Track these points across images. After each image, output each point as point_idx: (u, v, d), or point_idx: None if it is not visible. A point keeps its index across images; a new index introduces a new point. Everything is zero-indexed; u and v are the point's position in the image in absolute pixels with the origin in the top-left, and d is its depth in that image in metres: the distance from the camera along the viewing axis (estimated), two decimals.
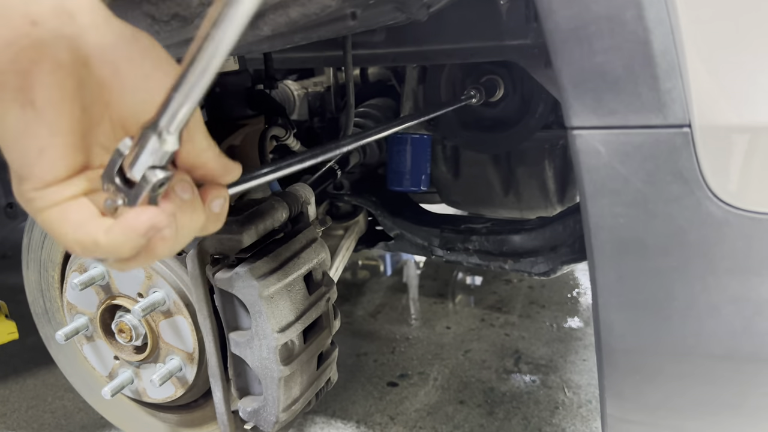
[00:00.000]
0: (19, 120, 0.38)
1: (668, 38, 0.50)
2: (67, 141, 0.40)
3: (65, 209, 0.41)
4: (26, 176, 0.40)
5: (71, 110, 0.40)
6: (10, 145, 0.39)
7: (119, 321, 1.04)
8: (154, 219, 0.41)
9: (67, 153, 0.40)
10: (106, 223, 0.41)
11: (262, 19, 0.64)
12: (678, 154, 0.53)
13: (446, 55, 1.23)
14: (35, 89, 0.38)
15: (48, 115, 0.39)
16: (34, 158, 0.39)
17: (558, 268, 1.35)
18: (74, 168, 0.41)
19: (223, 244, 0.91)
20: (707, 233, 0.56)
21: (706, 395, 0.65)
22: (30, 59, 0.38)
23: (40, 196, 0.40)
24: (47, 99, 0.38)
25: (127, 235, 0.40)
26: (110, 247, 0.41)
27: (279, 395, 0.93)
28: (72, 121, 0.40)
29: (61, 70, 0.39)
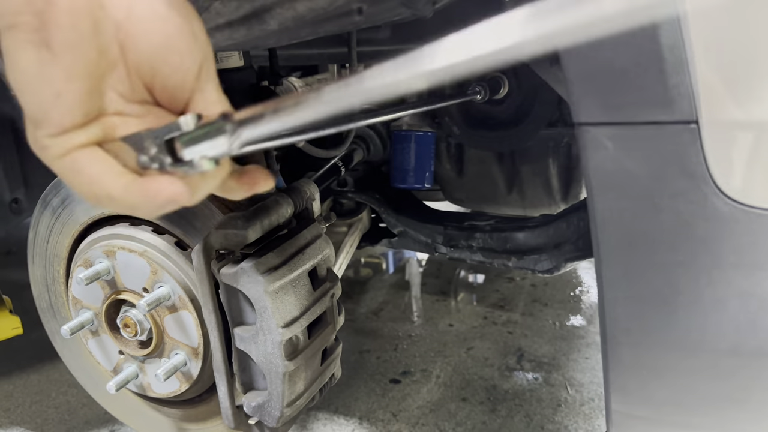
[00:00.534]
0: (35, 63, 0.37)
1: (676, 33, 0.50)
2: (84, 85, 0.39)
3: (79, 159, 0.40)
4: (42, 122, 0.39)
5: (88, 53, 0.38)
6: (26, 88, 0.38)
7: (124, 316, 1.05)
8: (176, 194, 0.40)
9: (84, 98, 0.39)
10: (123, 179, 0.40)
11: (269, 13, 0.64)
12: (685, 149, 0.53)
13: None
14: (51, 30, 0.37)
15: (64, 57, 0.38)
16: (51, 103, 0.38)
17: (561, 266, 1.36)
18: (91, 113, 0.40)
19: (228, 240, 0.91)
20: (713, 228, 0.56)
21: (711, 390, 0.65)
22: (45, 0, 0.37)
23: (56, 143, 0.39)
24: (63, 41, 0.37)
25: (145, 200, 0.40)
26: (124, 205, 0.40)
27: (283, 390, 0.94)
28: (89, 65, 0.39)
29: (77, 11, 0.38)
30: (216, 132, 0.38)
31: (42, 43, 0.37)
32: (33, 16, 0.36)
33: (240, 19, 0.65)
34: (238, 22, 0.65)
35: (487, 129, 1.55)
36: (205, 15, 0.63)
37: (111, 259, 1.04)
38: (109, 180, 0.40)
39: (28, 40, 0.37)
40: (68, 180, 0.41)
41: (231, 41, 0.69)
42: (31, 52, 0.37)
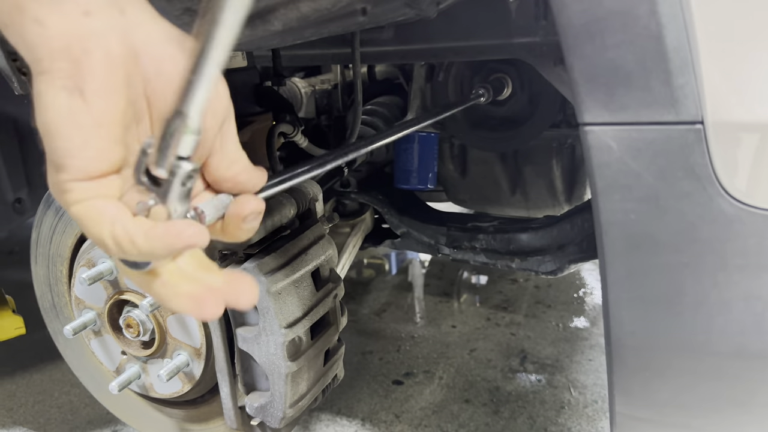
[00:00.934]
0: (66, 108, 0.38)
1: (681, 34, 0.50)
2: (112, 133, 0.40)
3: (102, 204, 0.40)
4: (66, 166, 0.39)
5: (118, 102, 0.39)
6: (55, 132, 0.38)
7: (127, 316, 1.05)
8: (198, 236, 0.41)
9: (110, 145, 0.40)
10: (145, 224, 0.41)
11: (273, 14, 0.64)
12: (690, 150, 0.53)
13: (454, 52, 1.23)
14: (85, 78, 0.38)
15: (96, 105, 0.38)
16: (78, 148, 0.39)
17: (565, 267, 1.35)
18: (116, 163, 0.41)
19: None
20: (718, 230, 0.56)
21: (715, 392, 0.65)
22: (82, 48, 0.37)
23: (78, 188, 0.40)
24: (96, 89, 0.38)
25: (167, 243, 0.40)
26: (147, 249, 0.40)
27: (286, 391, 0.94)
28: (118, 114, 0.40)
29: (111, 61, 0.39)
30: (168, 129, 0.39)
31: (75, 89, 0.38)
32: (69, 63, 0.37)
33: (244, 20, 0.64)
34: (242, 22, 0.65)
35: (490, 130, 1.55)
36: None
37: (114, 259, 1.03)
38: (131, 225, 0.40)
39: (63, 86, 0.38)
40: (87, 225, 0.41)
41: (234, 41, 0.69)
42: (64, 98, 0.38)
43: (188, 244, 0.41)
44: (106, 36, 0.38)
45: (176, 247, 0.41)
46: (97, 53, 0.38)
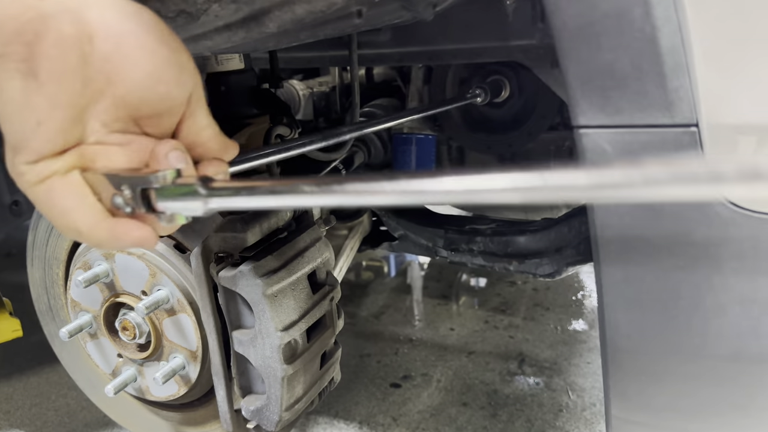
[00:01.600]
0: (20, 91, 0.38)
1: (676, 36, 0.50)
2: (66, 114, 0.40)
3: (52, 187, 0.41)
4: (21, 148, 0.40)
5: (72, 84, 0.40)
6: (10, 116, 0.39)
7: (123, 318, 1.04)
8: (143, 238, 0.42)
9: (65, 126, 0.40)
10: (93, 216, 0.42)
11: (268, 15, 0.64)
12: (685, 153, 0.53)
13: (452, 54, 1.23)
14: (39, 61, 0.38)
15: (49, 87, 0.39)
16: (32, 130, 0.39)
17: (563, 270, 1.35)
18: (70, 142, 0.41)
19: (227, 243, 0.91)
20: (714, 233, 0.55)
21: (711, 396, 0.64)
22: (35, 32, 0.38)
23: (32, 170, 0.40)
24: (50, 71, 0.39)
25: (111, 239, 0.42)
26: (90, 240, 0.42)
27: (282, 394, 0.93)
28: (72, 95, 0.40)
29: (64, 43, 0.39)
30: (191, 194, 0.41)
31: (29, 72, 0.38)
32: (22, 46, 0.38)
33: (238, 22, 0.64)
34: (237, 24, 0.65)
35: (487, 132, 1.55)
36: (204, 17, 0.63)
37: (110, 262, 1.03)
38: (79, 215, 0.42)
39: (16, 69, 0.38)
40: (41, 208, 0.42)
41: (230, 44, 0.69)
42: (18, 81, 0.38)
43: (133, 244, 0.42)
44: (59, 18, 0.39)
45: (121, 244, 0.42)
46: (50, 35, 0.38)
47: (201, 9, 0.62)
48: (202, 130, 0.46)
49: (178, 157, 0.43)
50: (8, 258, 2.90)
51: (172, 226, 0.44)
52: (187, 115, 0.44)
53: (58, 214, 0.41)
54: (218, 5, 0.61)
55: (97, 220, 0.42)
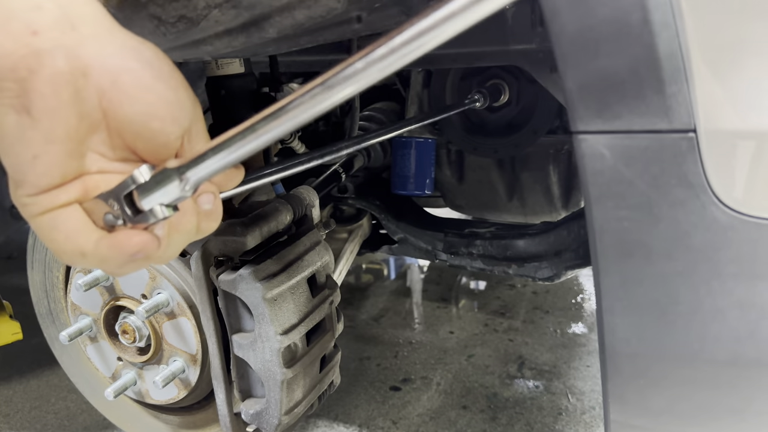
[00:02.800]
0: (15, 126, 0.39)
1: (674, 42, 0.50)
2: (62, 148, 0.41)
3: (57, 217, 0.42)
4: (21, 182, 0.41)
5: (67, 118, 0.40)
6: (7, 150, 0.40)
7: (123, 322, 1.05)
8: (144, 244, 0.42)
9: (61, 160, 0.41)
10: (95, 235, 0.42)
11: (268, 21, 0.64)
12: (683, 158, 0.53)
13: (451, 59, 1.23)
14: (32, 97, 0.39)
15: (43, 122, 0.39)
16: (28, 164, 0.40)
17: (562, 273, 1.35)
18: (68, 175, 0.42)
19: (227, 246, 0.91)
20: (712, 238, 0.56)
21: (710, 400, 0.64)
22: (28, 68, 0.38)
23: (34, 202, 0.41)
24: (43, 107, 0.39)
25: (114, 254, 0.42)
26: (96, 261, 0.42)
27: (281, 398, 0.93)
28: (67, 129, 0.40)
29: (58, 80, 0.39)
30: (166, 179, 0.41)
31: (22, 109, 0.39)
32: (15, 83, 0.38)
33: (239, 27, 0.65)
34: (237, 30, 0.65)
35: (487, 136, 1.55)
36: (204, 23, 0.63)
37: None
38: (81, 237, 0.42)
39: (10, 105, 0.39)
40: (44, 237, 0.43)
41: (230, 48, 0.69)
42: (12, 116, 0.39)
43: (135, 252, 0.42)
44: (53, 54, 0.39)
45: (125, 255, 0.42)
46: (44, 72, 0.39)
47: (201, 14, 0.62)
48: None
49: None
50: (9, 261, 2.90)
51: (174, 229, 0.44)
52: (187, 149, 0.45)
53: (62, 240, 0.42)
54: (218, 11, 0.61)
55: (98, 239, 0.42)
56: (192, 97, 0.46)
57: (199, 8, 0.61)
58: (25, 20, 0.38)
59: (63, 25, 0.40)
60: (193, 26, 0.64)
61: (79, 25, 0.40)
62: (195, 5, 0.61)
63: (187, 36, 0.66)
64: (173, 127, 0.44)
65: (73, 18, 0.40)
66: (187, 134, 0.45)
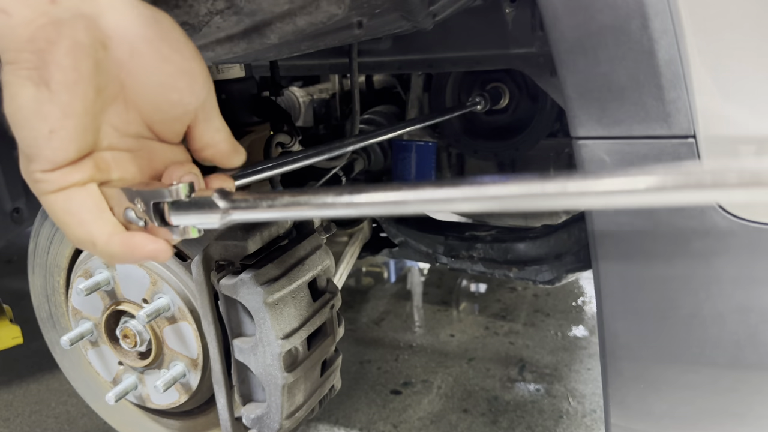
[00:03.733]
0: (32, 99, 0.38)
1: (673, 48, 0.51)
2: (79, 123, 0.40)
3: (71, 197, 0.41)
4: (35, 157, 0.39)
5: (85, 92, 0.39)
6: (22, 123, 0.39)
7: (124, 326, 1.05)
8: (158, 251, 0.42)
9: (78, 135, 0.40)
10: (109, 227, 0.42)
11: (269, 27, 0.64)
12: (682, 164, 0.53)
13: (451, 62, 1.24)
14: (51, 70, 0.38)
15: (62, 96, 0.38)
16: (44, 139, 0.39)
17: (563, 277, 1.35)
18: (84, 150, 0.41)
19: (228, 251, 0.91)
20: (712, 243, 0.56)
21: (710, 404, 0.65)
22: (47, 39, 0.37)
23: (48, 179, 0.40)
24: (62, 80, 0.38)
25: (126, 253, 0.42)
26: (104, 254, 0.42)
27: (282, 402, 0.93)
28: (86, 103, 0.39)
29: (77, 51, 0.38)
30: (208, 206, 0.40)
31: (41, 81, 0.38)
32: (34, 54, 0.37)
33: (240, 34, 0.65)
34: (239, 36, 0.65)
35: (487, 139, 1.56)
36: (206, 29, 0.63)
37: (111, 270, 1.04)
38: (96, 227, 0.41)
39: (28, 77, 0.38)
40: (55, 216, 0.42)
41: (231, 54, 0.70)
42: (30, 89, 0.38)
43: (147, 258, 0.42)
44: (73, 24, 0.38)
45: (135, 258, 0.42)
46: (63, 43, 0.38)
47: (203, 21, 0.62)
48: (216, 132, 0.46)
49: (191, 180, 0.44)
50: (9, 264, 2.90)
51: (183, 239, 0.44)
52: (201, 119, 0.45)
53: (75, 224, 0.41)
54: (220, 17, 0.62)
55: (112, 233, 0.41)
56: (206, 68, 0.45)
57: (201, 15, 0.62)
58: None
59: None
60: (195, 32, 0.64)
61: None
62: (196, 12, 0.62)
63: None
64: (191, 98, 0.43)
65: None
66: (202, 107, 0.45)
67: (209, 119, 0.45)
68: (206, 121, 0.45)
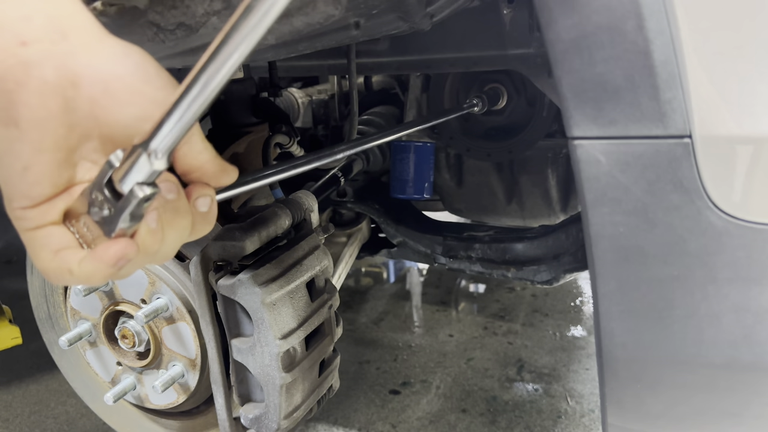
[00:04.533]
0: (3, 139, 0.39)
1: (668, 48, 0.51)
2: (52, 158, 0.40)
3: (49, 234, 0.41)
4: (13, 194, 0.40)
5: (55, 129, 0.40)
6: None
7: (122, 327, 1.05)
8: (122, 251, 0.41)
9: (51, 169, 0.41)
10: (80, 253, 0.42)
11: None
12: (678, 164, 0.53)
13: (449, 63, 1.24)
14: (19, 109, 0.38)
15: (32, 134, 0.39)
16: (19, 176, 0.40)
17: (561, 277, 1.35)
18: (60, 185, 0.42)
19: (226, 251, 0.91)
20: (708, 243, 0.56)
21: (706, 404, 0.65)
22: (15, 80, 0.38)
23: (26, 216, 0.41)
24: (30, 118, 0.39)
25: (97, 267, 0.41)
26: (83, 277, 0.42)
27: (281, 402, 0.94)
28: (57, 139, 0.40)
29: (46, 91, 0.39)
30: (135, 157, 0.40)
31: (10, 121, 0.38)
32: (3, 94, 0.38)
33: None
34: None
35: (485, 139, 1.56)
36: (203, 30, 0.63)
37: None
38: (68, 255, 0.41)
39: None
40: (33, 252, 0.42)
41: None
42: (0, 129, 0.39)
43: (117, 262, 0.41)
44: (41, 65, 0.39)
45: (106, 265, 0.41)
46: (31, 84, 0.39)
47: (200, 21, 0.62)
48: (199, 154, 0.46)
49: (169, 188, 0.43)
50: (8, 265, 2.90)
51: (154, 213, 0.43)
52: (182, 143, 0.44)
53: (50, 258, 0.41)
54: (217, 18, 0.62)
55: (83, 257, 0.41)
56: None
57: (198, 15, 0.62)
58: (14, 30, 0.38)
59: (52, 35, 0.39)
60: (192, 33, 0.64)
61: (69, 35, 0.40)
62: (194, 13, 0.62)
63: (186, 43, 0.67)
64: None
65: (63, 27, 0.40)
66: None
67: (190, 143, 0.45)
68: (187, 144, 0.45)
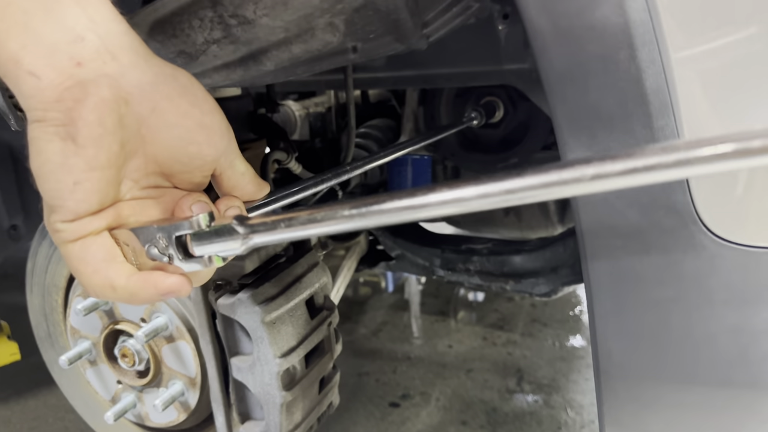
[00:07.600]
0: (59, 153, 0.40)
1: (660, 77, 0.52)
2: (103, 175, 0.42)
3: (86, 246, 0.42)
4: (58, 208, 0.41)
5: (110, 146, 0.41)
6: (47, 176, 0.41)
7: (122, 346, 1.05)
8: (178, 286, 0.43)
9: (101, 187, 0.42)
10: (127, 269, 0.43)
11: (266, 55, 0.65)
12: (671, 189, 0.54)
13: (445, 78, 1.25)
14: (78, 125, 0.40)
15: (88, 150, 0.40)
16: (68, 191, 0.41)
17: (559, 289, 1.36)
18: (105, 202, 0.43)
19: (225, 270, 0.92)
20: (701, 266, 0.57)
21: (704, 423, 0.65)
22: (74, 98, 0.39)
23: (67, 228, 0.42)
24: (88, 134, 0.40)
25: (147, 289, 0.43)
26: (125, 294, 0.43)
27: (281, 421, 0.94)
28: (110, 156, 0.42)
29: (102, 107, 0.40)
30: (228, 234, 0.42)
31: (67, 136, 0.40)
32: (62, 112, 0.39)
33: (237, 61, 0.66)
34: (235, 63, 0.66)
35: (482, 152, 1.57)
36: (203, 57, 0.64)
37: None
38: (113, 271, 0.43)
39: (55, 133, 0.40)
40: (73, 265, 0.43)
41: (228, 80, 0.71)
42: (57, 143, 0.40)
43: (168, 293, 0.43)
44: (98, 84, 0.40)
45: (156, 294, 0.43)
46: (89, 101, 0.40)
47: (200, 50, 0.63)
48: (241, 176, 0.50)
49: (202, 207, 0.46)
50: (5, 279, 2.90)
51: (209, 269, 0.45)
52: (226, 167, 0.48)
53: (91, 272, 0.43)
54: (217, 46, 0.63)
55: (130, 274, 0.43)
56: (224, 121, 0.48)
57: (198, 44, 0.63)
58: (69, 53, 0.39)
59: (104, 56, 0.41)
60: (192, 61, 0.65)
61: (119, 55, 0.41)
62: (194, 41, 0.63)
63: (186, 70, 0.67)
64: (209, 149, 0.46)
65: (113, 48, 0.41)
66: (224, 156, 0.48)
67: (233, 166, 0.48)
68: (230, 168, 0.48)
